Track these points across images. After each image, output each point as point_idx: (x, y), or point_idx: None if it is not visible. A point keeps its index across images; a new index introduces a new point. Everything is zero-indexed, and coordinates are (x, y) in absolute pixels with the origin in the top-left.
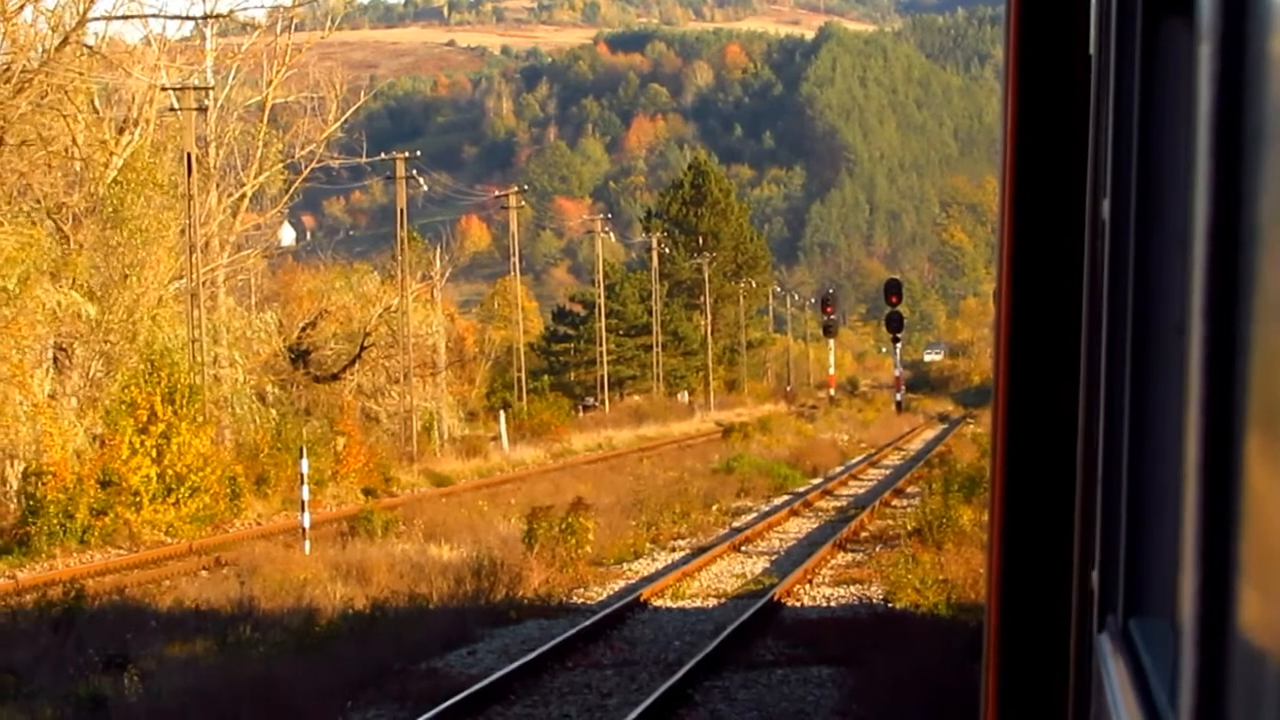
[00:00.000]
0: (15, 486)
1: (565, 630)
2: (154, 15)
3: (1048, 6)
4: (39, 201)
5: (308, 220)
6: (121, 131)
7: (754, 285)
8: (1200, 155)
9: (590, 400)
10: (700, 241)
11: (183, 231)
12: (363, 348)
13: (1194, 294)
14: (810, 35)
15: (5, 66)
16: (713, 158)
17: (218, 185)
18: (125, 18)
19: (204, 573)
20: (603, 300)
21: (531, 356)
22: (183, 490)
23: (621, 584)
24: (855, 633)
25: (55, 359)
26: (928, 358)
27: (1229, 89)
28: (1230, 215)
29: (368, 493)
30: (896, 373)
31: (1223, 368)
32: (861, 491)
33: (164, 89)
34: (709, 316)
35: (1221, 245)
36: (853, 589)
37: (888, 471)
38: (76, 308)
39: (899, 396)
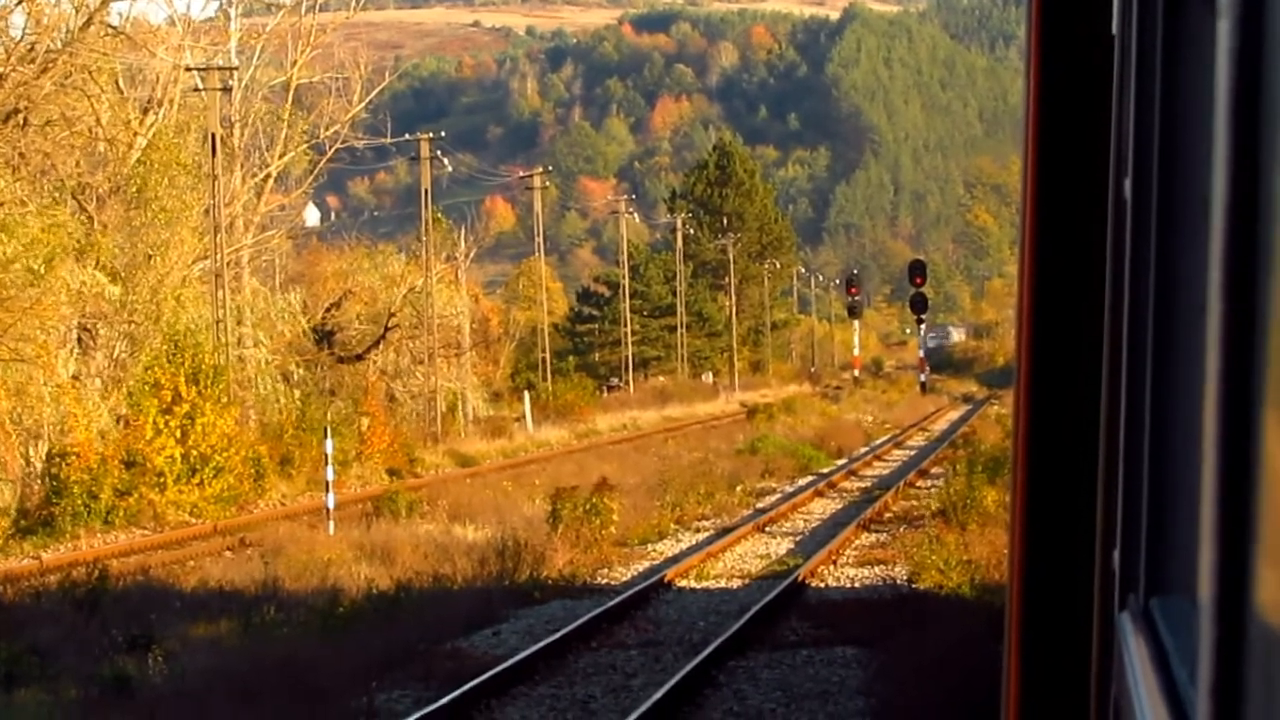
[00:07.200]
0: (39, 467)
1: (590, 610)
2: None
3: None
4: (63, 182)
5: (332, 201)
6: (145, 112)
7: (779, 266)
8: (1219, 132)
9: (615, 381)
10: (725, 222)
11: (207, 212)
12: (387, 328)
13: (1213, 273)
14: (835, 16)
15: (29, 47)
16: (737, 138)
17: (242, 166)
18: None
19: (228, 553)
20: (627, 281)
21: (556, 337)
22: (207, 471)
23: (646, 564)
24: (879, 613)
25: (79, 340)
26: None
27: (1248, 66)
28: (1249, 193)
29: (392, 473)
30: (921, 354)
31: (1242, 347)
32: (886, 472)
33: (188, 69)
34: (733, 297)
35: (1240, 223)
36: (877, 570)
37: (912, 452)
38: (100, 288)
39: (923, 377)
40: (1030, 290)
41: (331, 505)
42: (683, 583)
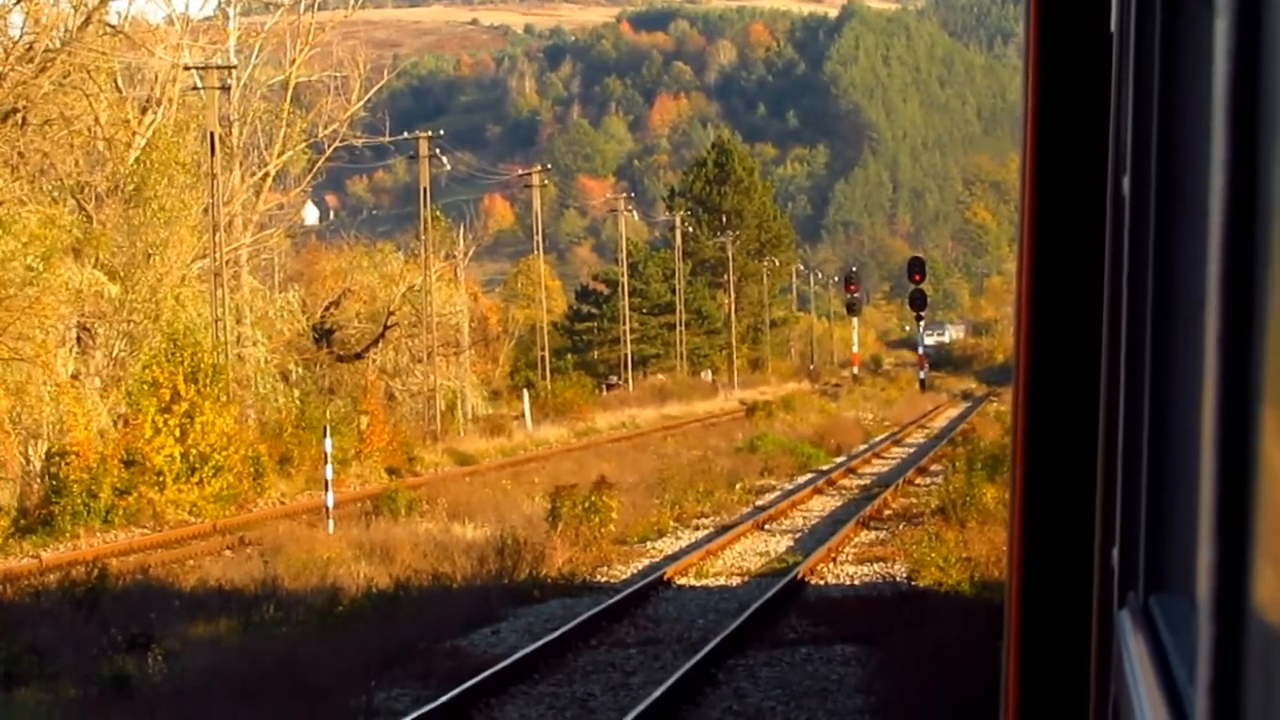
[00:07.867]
0: (39, 467)
1: (589, 609)
2: None
3: None
4: (62, 181)
5: (331, 199)
6: (144, 111)
7: (777, 264)
8: (1217, 130)
9: (614, 379)
10: (724, 220)
11: (206, 210)
12: (386, 327)
13: (1212, 269)
14: (833, 14)
15: (28, 46)
16: (736, 136)
17: (241, 164)
18: None
19: (227, 552)
20: (626, 279)
21: (555, 335)
22: (206, 470)
23: (645, 562)
24: (879, 611)
25: (78, 338)
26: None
27: (1245, 64)
28: (1247, 190)
29: (391, 472)
30: (920, 351)
31: (1241, 343)
32: (885, 469)
33: (187, 68)
34: (732, 295)
35: (1238, 220)
36: (876, 567)
37: (911, 450)
38: (99, 287)
39: (922, 374)
40: (1029, 287)
41: (331, 504)
42: (682, 581)
